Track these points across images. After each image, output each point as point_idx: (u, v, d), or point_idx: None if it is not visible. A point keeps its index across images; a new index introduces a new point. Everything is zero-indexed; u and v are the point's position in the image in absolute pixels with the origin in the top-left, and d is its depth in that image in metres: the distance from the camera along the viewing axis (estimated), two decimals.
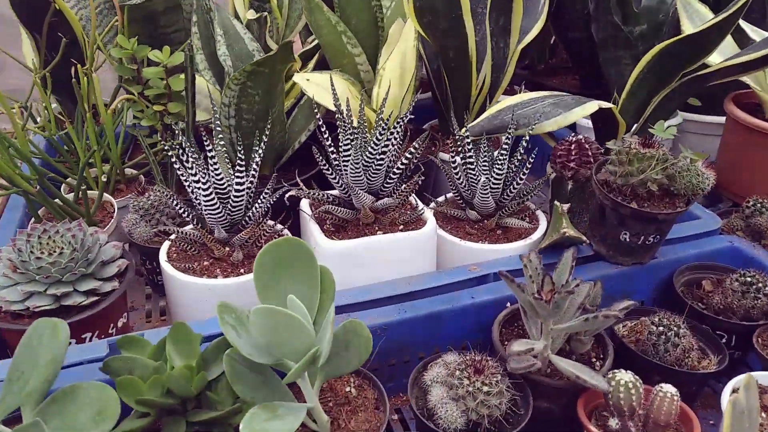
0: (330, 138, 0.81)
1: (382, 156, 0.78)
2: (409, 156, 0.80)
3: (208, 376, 0.58)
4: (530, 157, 0.86)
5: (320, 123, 0.82)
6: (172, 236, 0.81)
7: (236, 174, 0.78)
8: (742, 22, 1.07)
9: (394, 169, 0.81)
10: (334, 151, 0.82)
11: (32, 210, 0.90)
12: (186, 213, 0.81)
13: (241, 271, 0.80)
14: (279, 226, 0.87)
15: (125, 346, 0.62)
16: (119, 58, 1.03)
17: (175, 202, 0.80)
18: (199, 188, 0.77)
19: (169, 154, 0.77)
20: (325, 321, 0.57)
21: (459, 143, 0.90)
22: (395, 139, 0.79)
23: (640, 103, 0.96)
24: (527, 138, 0.87)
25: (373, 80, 1.07)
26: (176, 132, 1.01)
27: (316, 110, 0.82)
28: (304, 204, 0.88)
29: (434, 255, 0.85)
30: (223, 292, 0.77)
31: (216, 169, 0.78)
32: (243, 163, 0.78)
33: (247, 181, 0.80)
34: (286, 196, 0.82)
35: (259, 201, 0.82)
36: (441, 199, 0.98)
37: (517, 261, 0.83)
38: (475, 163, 0.87)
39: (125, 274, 0.78)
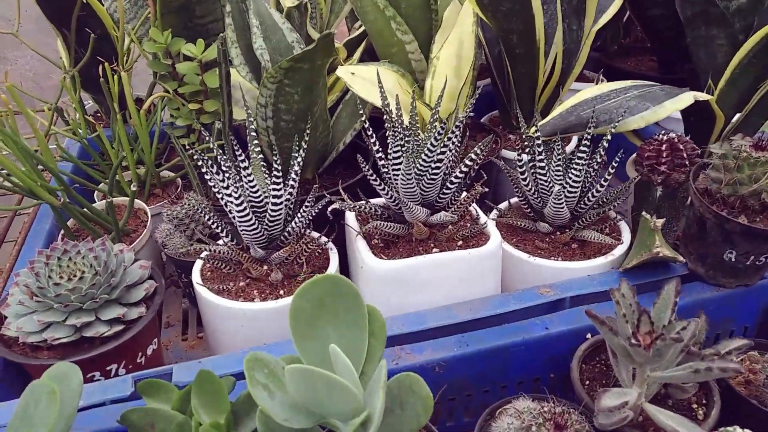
0: (377, 140, 0.71)
1: (438, 164, 0.67)
2: (469, 163, 0.68)
3: None
4: (613, 159, 0.73)
5: (366, 124, 0.71)
6: (203, 254, 0.73)
7: (273, 185, 0.69)
8: None
9: (452, 178, 0.70)
10: (382, 156, 0.72)
11: (61, 222, 0.84)
12: (219, 227, 0.73)
13: (281, 292, 0.72)
14: (323, 239, 0.77)
15: (147, 391, 0.54)
16: (153, 53, 0.95)
17: (207, 216, 0.72)
18: (232, 202, 0.68)
19: (195, 158, 0.68)
20: (375, 375, 0.47)
21: (527, 142, 0.78)
22: (453, 143, 0.68)
23: (743, 93, 0.82)
24: (608, 137, 0.74)
25: (426, 71, 0.95)
26: (212, 133, 0.93)
27: (361, 110, 0.72)
28: (350, 217, 0.78)
29: (499, 275, 0.74)
30: (260, 316, 0.69)
31: (250, 181, 0.69)
32: (279, 172, 0.68)
33: (285, 192, 0.71)
34: (329, 209, 0.72)
35: (299, 213, 0.73)
36: (503, 205, 0.86)
37: (599, 282, 0.72)
38: (546, 168, 0.75)
39: (153, 297, 0.70)
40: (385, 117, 0.72)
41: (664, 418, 0.55)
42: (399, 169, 0.68)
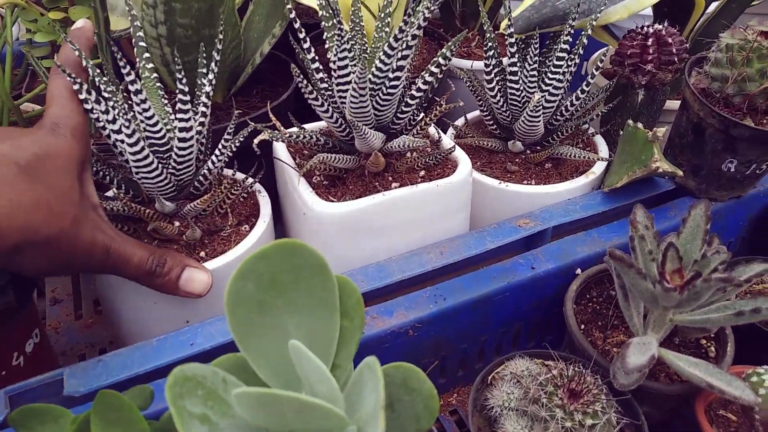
0: (312, 49, 0.54)
1: (398, 73, 0.52)
2: (435, 70, 0.54)
3: None
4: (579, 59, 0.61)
5: (296, 22, 0.54)
6: None
7: (179, 113, 0.51)
8: None
9: (413, 92, 0.55)
10: (320, 67, 0.56)
11: None
12: (106, 176, 0.55)
13: (201, 254, 0.56)
14: (249, 180, 0.61)
15: (26, 423, 0.38)
16: None
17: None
18: (122, 140, 0.50)
19: (67, 80, 0.49)
20: (358, 375, 0.34)
21: (489, 44, 0.63)
22: (415, 46, 0.53)
23: None
24: (588, 31, 0.61)
25: None
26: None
27: (288, 3, 0.54)
28: (281, 150, 0.62)
29: (469, 208, 0.61)
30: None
31: (146, 110, 0.50)
32: (186, 95, 0.51)
33: (196, 122, 0.54)
34: (256, 140, 0.55)
35: (217, 149, 0.56)
36: (459, 122, 0.73)
37: (582, 207, 0.61)
38: (519, 74, 0.61)
39: (23, 276, 0.52)
40: (321, 14, 0.55)
41: (685, 366, 0.46)
42: (346, 83, 0.52)
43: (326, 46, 0.58)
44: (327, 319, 0.35)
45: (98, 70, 0.52)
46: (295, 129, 0.60)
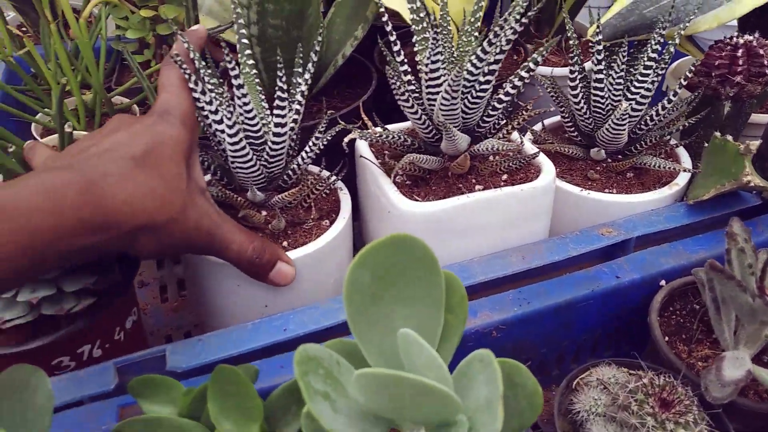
0: (401, 51, 0.56)
1: (489, 77, 0.53)
2: (525, 75, 0.54)
3: None
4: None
5: (388, 26, 0.55)
6: None
7: (276, 109, 0.53)
8: None
9: (501, 96, 0.56)
10: (408, 71, 0.57)
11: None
12: (204, 162, 0.58)
13: (284, 244, 0.58)
14: (333, 178, 0.63)
15: (143, 392, 0.40)
16: None
17: None
18: (223, 131, 0.52)
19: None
20: (465, 366, 0.35)
21: (574, 51, 0.64)
22: (504, 51, 0.54)
23: None
24: (677, 41, 0.61)
25: None
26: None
27: (378, 4, 0.56)
28: (364, 149, 0.63)
29: (550, 214, 0.62)
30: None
31: (246, 103, 0.53)
32: (284, 92, 0.53)
33: (289, 119, 0.56)
34: (346, 139, 0.57)
35: (308, 146, 0.58)
36: (537, 128, 0.73)
37: (666, 218, 0.61)
38: (604, 81, 0.61)
39: (131, 259, 0.55)
40: (411, 18, 0.57)
41: None
42: (437, 85, 0.54)
43: (415, 49, 0.59)
44: (433, 312, 0.37)
45: (204, 63, 0.54)
46: (379, 129, 0.62)
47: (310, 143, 0.58)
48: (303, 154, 0.58)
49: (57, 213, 0.39)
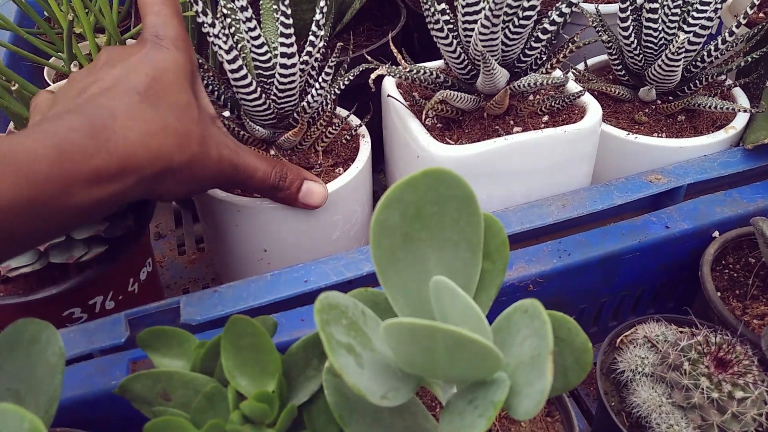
0: None
1: (532, 3, 0.47)
2: (566, 10, 0.49)
3: (297, 401, 0.34)
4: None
5: None
6: None
7: (280, 36, 0.47)
8: None
9: (547, 25, 0.50)
10: None
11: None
12: (216, 93, 0.53)
13: None
14: (355, 121, 0.59)
15: (153, 344, 0.37)
16: None
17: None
18: (220, 47, 0.47)
19: None
20: (505, 320, 0.31)
21: None
22: None
23: None
24: None
25: None
26: None
27: None
28: (391, 88, 0.59)
29: (593, 159, 0.57)
30: (266, 216, 0.52)
31: (251, 29, 0.48)
32: (288, 17, 0.46)
33: (303, 51, 0.51)
34: (373, 76, 0.52)
35: (317, 84, 0.53)
36: (579, 67, 0.67)
37: (720, 164, 0.55)
38: (659, 11, 0.55)
39: (142, 204, 0.52)
40: None
41: None
42: (474, 12, 0.48)
43: None
44: (469, 257, 0.33)
45: None
46: (416, 66, 0.57)
47: (320, 80, 0.52)
48: (313, 90, 0.53)
49: (64, 160, 0.35)
